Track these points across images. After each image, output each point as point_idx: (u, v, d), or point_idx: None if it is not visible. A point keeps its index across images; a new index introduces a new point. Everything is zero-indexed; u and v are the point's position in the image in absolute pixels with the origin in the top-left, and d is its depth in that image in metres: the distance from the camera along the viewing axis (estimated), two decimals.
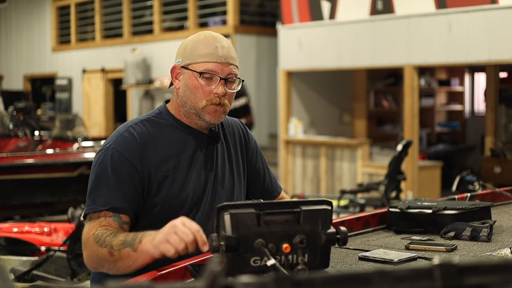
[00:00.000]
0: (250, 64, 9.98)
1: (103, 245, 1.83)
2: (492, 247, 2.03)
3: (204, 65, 1.97)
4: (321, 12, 8.13)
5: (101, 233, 1.86)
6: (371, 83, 9.60)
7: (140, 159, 1.95)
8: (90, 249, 1.87)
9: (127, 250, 1.79)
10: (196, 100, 1.99)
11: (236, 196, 2.12)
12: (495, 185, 4.11)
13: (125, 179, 1.93)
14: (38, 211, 5.66)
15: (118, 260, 1.81)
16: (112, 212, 1.90)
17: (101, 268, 1.88)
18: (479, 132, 10.14)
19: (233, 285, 0.80)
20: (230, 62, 2.00)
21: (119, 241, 1.81)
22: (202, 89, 1.98)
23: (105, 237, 1.84)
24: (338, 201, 6.77)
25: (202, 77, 1.98)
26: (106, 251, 1.82)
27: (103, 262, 1.85)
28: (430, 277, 0.82)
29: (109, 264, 1.84)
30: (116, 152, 1.94)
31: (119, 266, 1.83)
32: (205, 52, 1.98)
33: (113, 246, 1.81)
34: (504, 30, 6.47)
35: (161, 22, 11.01)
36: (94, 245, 1.85)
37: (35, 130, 8.25)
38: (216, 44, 1.99)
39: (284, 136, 8.79)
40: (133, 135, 1.97)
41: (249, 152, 2.21)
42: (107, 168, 1.93)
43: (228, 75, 1.99)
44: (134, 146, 1.96)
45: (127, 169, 1.93)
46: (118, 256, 1.81)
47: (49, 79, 14.08)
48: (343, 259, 1.91)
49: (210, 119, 2.01)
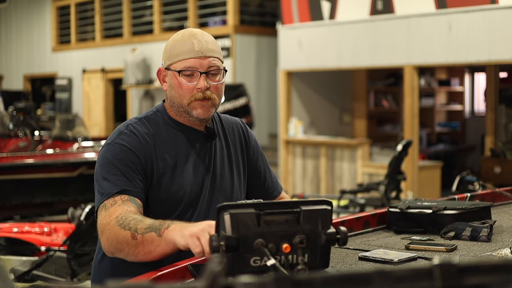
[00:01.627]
0: (250, 64, 9.98)
1: (127, 228, 1.79)
2: (492, 247, 2.03)
3: (183, 63, 1.98)
4: (321, 12, 8.13)
5: (125, 216, 1.82)
6: (371, 83, 9.60)
7: (144, 153, 1.96)
8: (110, 232, 1.82)
9: (152, 235, 1.74)
10: (181, 99, 2.00)
11: (236, 195, 2.11)
12: (495, 185, 4.12)
13: (132, 167, 1.93)
14: (38, 211, 5.66)
15: (140, 244, 1.76)
16: (127, 196, 1.88)
17: (120, 252, 1.82)
18: (479, 132, 10.14)
19: (233, 285, 0.80)
20: (209, 55, 1.99)
21: (145, 225, 1.77)
22: (185, 87, 1.99)
23: (130, 220, 1.80)
24: (338, 201, 6.77)
25: (182, 75, 1.99)
26: (129, 233, 1.78)
27: (123, 245, 1.79)
28: (430, 277, 0.82)
29: (129, 248, 1.79)
30: (119, 145, 1.96)
31: (139, 251, 1.78)
32: (182, 50, 1.99)
33: (137, 230, 1.77)
34: (504, 30, 6.47)
35: (161, 22, 11.01)
36: (116, 227, 1.80)
37: (35, 130, 8.25)
38: (192, 40, 2.00)
39: (284, 136, 8.79)
40: (133, 132, 1.99)
41: (250, 151, 2.21)
42: (112, 160, 1.94)
43: (208, 68, 1.99)
44: (136, 141, 1.98)
45: (132, 159, 1.94)
46: (141, 240, 1.76)
47: (49, 79, 14.09)
48: (343, 259, 1.91)
49: (198, 115, 2.00)
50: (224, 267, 0.81)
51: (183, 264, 1.73)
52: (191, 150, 2.05)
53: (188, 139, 2.05)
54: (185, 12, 10.57)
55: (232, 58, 9.79)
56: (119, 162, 1.93)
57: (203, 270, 1.09)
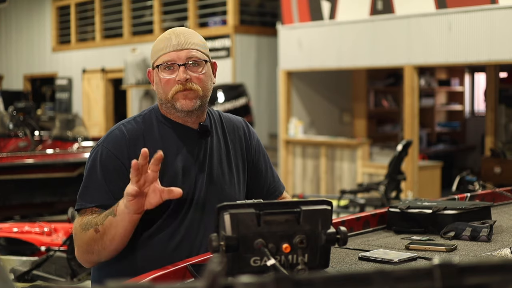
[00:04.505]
0: (250, 64, 9.98)
1: (89, 227, 1.90)
2: (492, 247, 2.03)
3: (162, 58, 2.00)
4: (321, 12, 8.13)
5: (86, 220, 1.93)
6: (371, 83, 9.59)
7: (129, 155, 1.95)
8: (78, 240, 1.93)
9: (109, 219, 1.86)
10: (165, 93, 2.01)
11: (234, 194, 2.09)
12: (495, 185, 4.11)
13: (114, 176, 1.96)
14: (38, 211, 5.66)
15: (103, 233, 1.87)
16: (99, 209, 1.95)
17: (92, 254, 1.92)
18: (479, 132, 10.14)
19: (233, 285, 0.80)
20: (187, 47, 2.00)
21: (101, 216, 1.89)
22: (165, 81, 2.00)
23: (90, 220, 1.91)
24: (338, 201, 6.77)
25: (162, 69, 2.00)
26: (92, 230, 1.89)
27: (91, 245, 1.90)
28: (430, 277, 0.82)
29: (97, 244, 1.89)
30: (105, 149, 1.99)
31: (105, 241, 1.88)
32: (161, 46, 2.02)
33: (97, 223, 1.89)
34: (504, 30, 6.47)
35: (161, 22, 11.01)
36: (81, 233, 1.91)
37: (35, 130, 8.26)
38: (171, 35, 2.02)
39: (284, 136, 8.79)
40: (123, 132, 2.01)
41: (250, 150, 2.20)
42: (96, 165, 1.98)
43: (187, 60, 1.99)
44: (122, 143, 1.99)
45: (115, 166, 1.97)
46: (102, 230, 1.87)
47: (49, 79, 14.08)
48: (343, 259, 1.91)
49: (181, 106, 2.00)
50: (224, 267, 0.81)
51: (183, 264, 1.73)
52: (183, 147, 2.03)
53: (179, 136, 2.04)
54: (185, 12, 10.57)
55: (232, 58, 9.79)
56: (101, 170, 1.97)
57: (203, 270, 1.09)
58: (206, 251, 1.95)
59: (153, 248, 1.97)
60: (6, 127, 8.45)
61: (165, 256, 1.95)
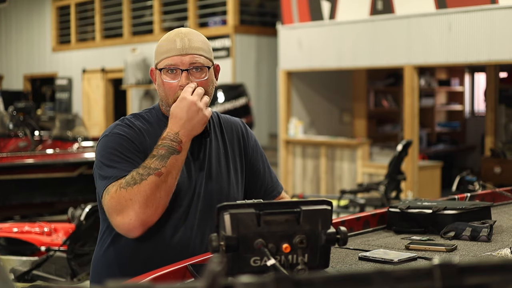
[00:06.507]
0: (250, 64, 9.98)
1: (145, 176, 1.85)
2: (492, 247, 2.03)
3: (165, 62, 2.00)
4: (321, 12, 8.13)
5: (129, 177, 1.87)
6: (371, 83, 9.59)
7: (140, 141, 1.99)
8: (132, 194, 1.85)
9: (174, 158, 1.88)
10: (167, 97, 2.01)
11: (232, 193, 2.10)
12: (495, 185, 4.11)
13: (133, 154, 1.95)
14: (38, 211, 5.66)
15: (167, 176, 1.85)
16: None
17: (151, 205, 1.85)
18: (479, 132, 10.14)
19: (233, 285, 0.80)
20: (191, 52, 1.99)
21: (155, 160, 1.88)
22: (168, 85, 2.00)
23: (138, 173, 1.86)
24: (338, 201, 6.77)
25: (164, 73, 2.00)
26: (152, 176, 1.85)
27: (154, 193, 1.84)
28: (430, 277, 0.82)
29: (159, 191, 1.85)
30: (117, 135, 1.98)
31: (168, 186, 1.86)
32: (165, 48, 2.01)
33: (156, 167, 1.86)
34: (504, 30, 6.47)
35: (161, 22, 11.01)
36: (135, 187, 1.84)
37: (35, 130, 8.26)
38: (175, 38, 2.01)
39: (284, 136, 8.79)
40: (129, 124, 2.02)
41: (248, 151, 2.20)
42: (112, 147, 1.95)
43: (190, 65, 1.99)
44: (132, 131, 2.00)
45: (132, 145, 1.97)
46: (166, 172, 1.86)
47: (49, 79, 14.08)
48: (343, 259, 1.91)
49: None
50: (224, 267, 0.81)
51: (183, 264, 1.73)
52: None
53: None
54: (185, 12, 10.57)
55: (232, 58, 9.79)
56: (121, 149, 1.94)
57: (203, 270, 1.09)
58: (205, 251, 1.95)
59: (152, 248, 1.97)
60: (6, 127, 8.45)
61: (164, 255, 1.95)
